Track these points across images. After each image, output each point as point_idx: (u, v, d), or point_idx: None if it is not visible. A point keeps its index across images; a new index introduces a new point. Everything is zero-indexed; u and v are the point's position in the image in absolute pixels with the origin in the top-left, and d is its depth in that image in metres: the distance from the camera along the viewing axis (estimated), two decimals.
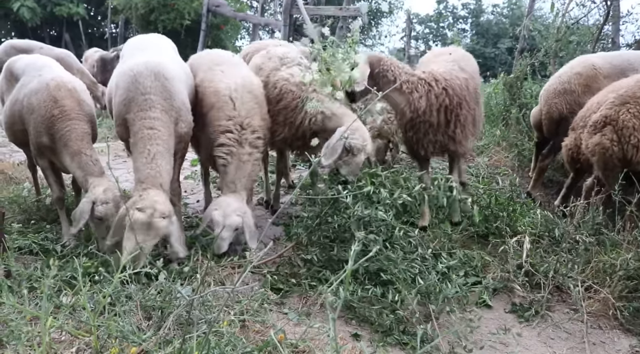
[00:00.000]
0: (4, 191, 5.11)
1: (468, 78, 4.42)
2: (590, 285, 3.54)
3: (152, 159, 3.51)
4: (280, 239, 4.46)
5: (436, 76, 4.26)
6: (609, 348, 3.15)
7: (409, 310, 3.07)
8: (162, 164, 3.54)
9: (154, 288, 3.02)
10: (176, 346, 2.29)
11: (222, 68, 4.37)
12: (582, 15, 9.28)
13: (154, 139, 3.56)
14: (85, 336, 2.49)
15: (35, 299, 3.03)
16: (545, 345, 3.14)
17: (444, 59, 4.69)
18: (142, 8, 16.26)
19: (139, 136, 3.58)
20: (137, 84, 3.67)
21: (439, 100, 4.21)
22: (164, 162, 3.56)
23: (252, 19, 17.14)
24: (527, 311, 3.45)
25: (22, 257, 3.75)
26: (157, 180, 3.48)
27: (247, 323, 2.94)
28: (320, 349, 2.71)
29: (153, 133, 3.58)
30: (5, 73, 4.46)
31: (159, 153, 3.54)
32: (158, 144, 3.57)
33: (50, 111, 3.83)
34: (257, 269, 3.73)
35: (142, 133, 3.58)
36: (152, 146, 3.54)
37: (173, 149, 3.73)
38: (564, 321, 3.38)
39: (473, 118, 4.47)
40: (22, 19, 18.96)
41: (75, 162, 3.80)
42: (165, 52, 4.34)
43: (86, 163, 3.79)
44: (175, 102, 3.76)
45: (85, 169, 3.79)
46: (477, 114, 4.63)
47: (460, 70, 4.45)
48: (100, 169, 3.84)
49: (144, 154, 3.53)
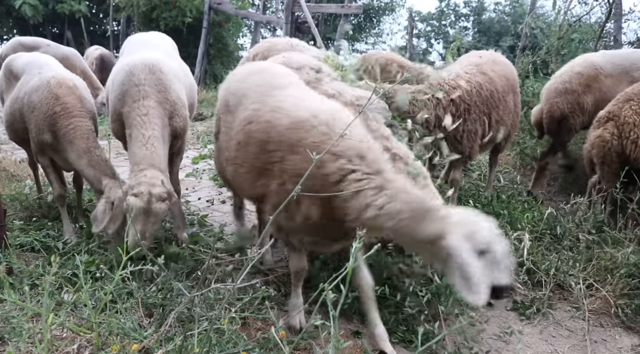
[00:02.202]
0: (6, 189, 5.11)
1: (483, 83, 4.43)
2: (592, 283, 3.54)
3: (147, 141, 3.50)
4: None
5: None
6: (610, 346, 3.15)
7: (416, 309, 3.05)
8: (157, 146, 3.51)
9: (155, 285, 3.03)
10: (177, 343, 2.29)
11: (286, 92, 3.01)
12: (584, 13, 9.25)
13: (147, 123, 3.56)
14: (87, 333, 2.49)
15: (37, 296, 3.03)
16: (547, 343, 3.14)
17: (468, 61, 4.73)
18: (143, 6, 16.22)
19: (133, 124, 3.57)
20: (132, 76, 3.68)
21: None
22: (159, 146, 3.53)
23: (254, 17, 17.11)
24: (528, 309, 3.45)
25: (23, 255, 3.76)
26: (153, 160, 3.45)
27: (248, 320, 2.95)
28: (322, 346, 2.71)
29: (147, 119, 3.57)
30: (5, 71, 4.46)
31: (153, 137, 3.53)
32: (154, 128, 3.56)
33: (52, 108, 3.83)
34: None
35: (136, 121, 3.57)
36: (146, 130, 3.53)
37: (167, 141, 3.72)
38: (565, 319, 3.38)
39: (485, 121, 4.46)
40: (24, 16, 18.96)
41: (85, 160, 3.77)
42: (163, 49, 4.34)
43: (97, 162, 3.77)
44: (170, 96, 3.77)
45: (97, 168, 3.76)
46: (497, 116, 4.60)
47: (480, 74, 4.48)
48: (112, 169, 3.81)
49: (138, 138, 3.52)
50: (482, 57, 4.82)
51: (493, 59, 4.83)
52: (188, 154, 7.51)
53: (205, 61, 16.41)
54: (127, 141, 3.68)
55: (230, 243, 4.07)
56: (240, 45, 20.96)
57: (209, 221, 4.77)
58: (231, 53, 18.81)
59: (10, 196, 4.83)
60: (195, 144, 8.65)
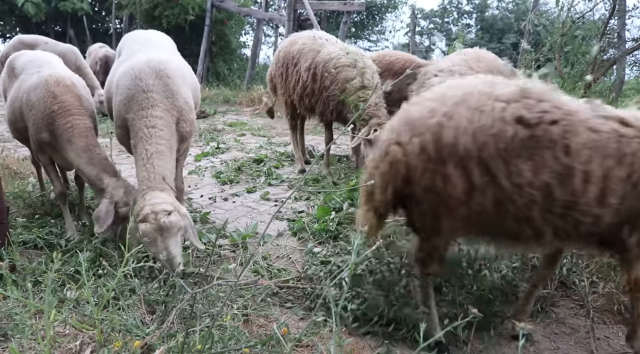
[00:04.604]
0: (9, 186, 5.12)
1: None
2: (595, 280, 3.53)
3: (148, 160, 3.42)
4: (284, 234, 4.46)
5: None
6: (613, 343, 3.14)
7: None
8: (160, 164, 3.43)
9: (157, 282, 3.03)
10: (179, 340, 2.29)
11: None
12: (588, 9, 9.21)
13: (153, 137, 3.48)
14: (89, 329, 2.49)
15: (40, 293, 3.04)
16: (550, 340, 3.13)
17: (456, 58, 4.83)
18: (146, 3, 16.24)
19: (139, 136, 3.50)
20: (139, 81, 3.61)
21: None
22: (163, 162, 3.45)
23: (256, 14, 17.11)
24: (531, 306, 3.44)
25: (26, 252, 3.76)
26: (151, 182, 3.36)
27: (250, 317, 2.95)
28: (324, 343, 2.71)
29: (154, 132, 3.50)
30: (7, 69, 4.47)
31: (157, 152, 3.45)
32: (159, 143, 3.48)
33: (50, 106, 3.81)
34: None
35: (142, 132, 3.49)
36: (150, 146, 3.45)
37: (175, 148, 3.67)
38: (568, 316, 3.37)
39: None
40: (27, 14, 18.99)
41: (84, 158, 3.74)
42: (164, 49, 4.31)
43: (97, 161, 3.74)
44: (177, 101, 3.71)
45: (97, 166, 3.73)
46: None
47: (468, 69, 4.54)
48: (113, 168, 3.79)
49: (142, 155, 3.45)
50: (466, 54, 4.92)
51: (475, 54, 4.94)
52: (191, 151, 7.49)
53: (208, 59, 16.42)
54: (132, 151, 3.61)
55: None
56: (242, 43, 20.96)
57: (211, 218, 4.77)
58: (233, 51, 18.82)
59: (13, 193, 4.84)
60: (197, 141, 8.65)
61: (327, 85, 5.60)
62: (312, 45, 5.88)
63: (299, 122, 6.76)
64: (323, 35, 6.15)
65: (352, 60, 5.53)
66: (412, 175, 2.47)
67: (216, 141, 8.60)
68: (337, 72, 5.52)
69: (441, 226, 2.54)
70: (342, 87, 5.49)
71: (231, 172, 6.47)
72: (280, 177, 6.26)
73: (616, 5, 8.57)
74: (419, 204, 2.55)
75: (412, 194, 2.53)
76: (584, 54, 7.72)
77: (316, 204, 5.09)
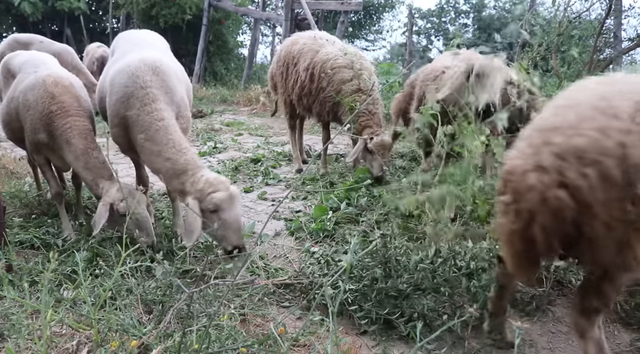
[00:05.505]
0: (6, 186, 5.11)
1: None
2: None
3: (179, 145, 3.46)
4: (281, 233, 4.47)
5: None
6: (609, 342, 3.14)
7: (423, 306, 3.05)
8: (190, 147, 3.53)
9: (155, 282, 3.03)
10: (176, 340, 2.29)
11: None
12: (584, 9, 9.24)
13: (170, 127, 3.50)
14: (86, 329, 2.49)
15: (36, 292, 3.04)
16: (546, 339, 3.14)
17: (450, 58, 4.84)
18: (143, 3, 16.23)
19: (153, 129, 3.47)
20: (136, 78, 3.58)
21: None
22: (189, 145, 3.55)
23: (254, 14, 17.10)
24: (528, 306, 3.44)
25: (23, 252, 3.76)
26: (198, 162, 3.47)
27: (247, 316, 2.95)
28: (321, 342, 2.71)
29: (167, 123, 3.50)
30: (3, 70, 4.42)
31: (181, 138, 3.50)
32: (176, 130, 3.52)
33: (48, 107, 3.77)
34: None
35: (155, 126, 3.47)
36: (172, 134, 3.47)
37: None
38: (565, 315, 3.38)
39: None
40: (24, 13, 18.92)
41: (82, 162, 3.71)
42: (158, 48, 4.30)
43: (94, 165, 3.70)
44: (175, 98, 3.72)
45: (94, 171, 3.70)
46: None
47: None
48: (109, 172, 3.73)
49: (169, 145, 3.44)
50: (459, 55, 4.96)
51: (466, 55, 4.98)
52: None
53: (205, 58, 16.41)
54: (142, 148, 3.54)
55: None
56: (239, 43, 20.94)
57: None
58: (231, 50, 18.83)
59: (9, 193, 4.83)
60: (195, 141, 8.65)
61: (324, 86, 5.61)
62: (312, 45, 5.89)
63: (298, 121, 6.77)
64: (324, 36, 6.15)
65: (349, 62, 5.54)
66: (587, 213, 2.11)
67: (213, 141, 8.60)
68: (334, 73, 5.53)
69: (630, 261, 2.17)
70: (338, 88, 5.50)
71: (228, 172, 6.47)
72: (277, 177, 6.27)
73: (612, 5, 8.60)
74: (598, 240, 2.17)
75: (584, 234, 2.16)
76: (581, 53, 7.73)
77: (313, 204, 5.10)
